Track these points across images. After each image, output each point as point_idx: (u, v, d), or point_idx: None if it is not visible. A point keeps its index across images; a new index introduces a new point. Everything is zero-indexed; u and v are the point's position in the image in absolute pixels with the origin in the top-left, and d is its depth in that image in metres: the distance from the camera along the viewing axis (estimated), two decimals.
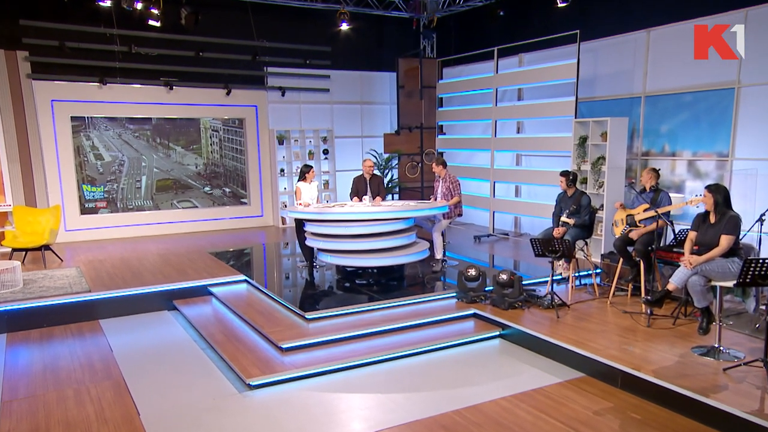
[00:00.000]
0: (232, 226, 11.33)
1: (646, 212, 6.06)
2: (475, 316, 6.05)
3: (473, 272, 6.30)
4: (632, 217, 6.21)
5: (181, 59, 10.41)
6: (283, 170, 11.64)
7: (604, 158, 7.79)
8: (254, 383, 4.68)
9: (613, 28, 8.40)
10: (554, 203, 6.94)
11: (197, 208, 11.11)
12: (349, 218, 6.62)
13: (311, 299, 6.63)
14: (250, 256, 9.03)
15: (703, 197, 5.02)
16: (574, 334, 5.20)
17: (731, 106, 6.97)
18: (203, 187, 11.14)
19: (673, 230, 6.04)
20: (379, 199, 7.60)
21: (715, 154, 7.22)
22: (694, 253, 4.97)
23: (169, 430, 4.07)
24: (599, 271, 6.98)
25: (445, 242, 7.77)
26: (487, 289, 6.35)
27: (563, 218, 6.62)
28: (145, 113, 10.47)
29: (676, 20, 7.51)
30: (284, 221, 11.55)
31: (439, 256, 7.54)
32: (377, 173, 8.60)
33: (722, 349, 4.67)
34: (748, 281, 4.24)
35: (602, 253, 7.29)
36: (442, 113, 11.59)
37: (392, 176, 11.86)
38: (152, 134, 10.68)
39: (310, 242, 7.07)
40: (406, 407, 4.35)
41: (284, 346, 5.19)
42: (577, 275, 6.80)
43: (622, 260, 6.27)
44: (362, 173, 7.89)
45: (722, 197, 4.92)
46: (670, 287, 5.01)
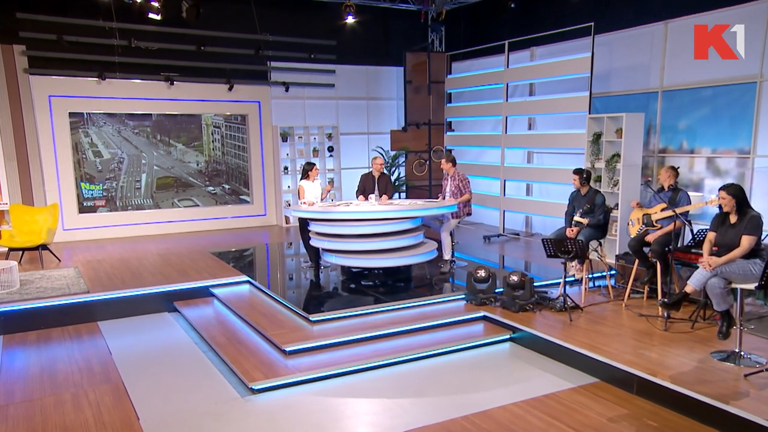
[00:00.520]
0: (234, 225, 11.36)
1: (663, 212, 6.02)
2: (484, 318, 6.03)
3: (483, 273, 6.28)
4: (648, 216, 6.17)
5: (182, 53, 10.44)
6: (286, 168, 11.65)
7: (619, 156, 7.75)
8: (257, 387, 4.68)
9: (629, 20, 8.35)
10: (567, 202, 6.91)
11: (198, 206, 11.14)
12: (354, 217, 6.62)
13: (316, 301, 6.63)
14: (252, 256, 9.05)
15: (721, 200, 4.98)
16: (587, 337, 5.17)
17: (753, 100, 6.91)
18: (207, 186, 11.18)
19: (691, 230, 6.00)
20: (386, 197, 7.59)
21: (735, 150, 7.17)
22: (713, 254, 4.93)
23: None
24: (614, 272, 6.95)
25: (453, 242, 7.75)
26: (497, 290, 6.33)
27: (576, 218, 6.59)
28: (145, 109, 10.51)
29: (695, 12, 7.45)
30: (288, 220, 11.56)
31: (447, 256, 7.52)
32: (385, 172, 8.60)
33: (743, 354, 4.63)
34: None
35: (617, 253, 7.26)
36: (450, 109, 11.57)
37: (399, 174, 11.85)
38: (152, 131, 10.71)
39: (314, 242, 7.07)
40: (413, 413, 4.34)
41: (288, 349, 5.19)
42: (590, 277, 6.76)
43: (637, 261, 6.23)
44: (371, 171, 7.90)
45: (742, 197, 4.87)
46: (688, 289, 4.97)
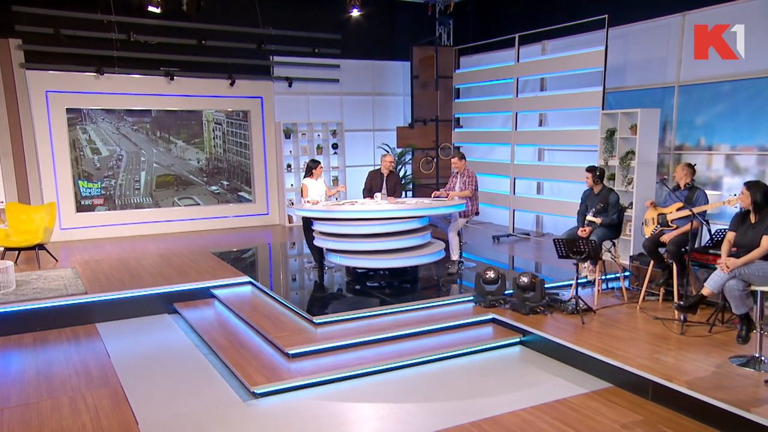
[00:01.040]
0: (235, 224, 11.38)
1: (679, 211, 5.98)
2: (493, 321, 6.01)
3: (492, 275, 6.27)
4: (664, 216, 6.14)
5: (182, 48, 10.47)
6: (290, 166, 11.66)
7: (633, 153, 7.72)
8: (259, 391, 4.69)
9: (644, 12, 8.31)
10: (579, 201, 6.88)
11: (199, 205, 11.17)
12: (359, 217, 6.62)
13: (320, 302, 6.63)
14: (254, 256, 9.06)
15: (740, 196, 4.95)
16: (600, 341, 5.15)
17: None
18: (209, 186, 11.20)
19: (708, 230, 5.96)
20: (393, 197, 7.59)
21: (756, 147, 7.12)
22: (732, 255, 4.90)
23: None
24: (628, 273, 6.92)
25: (461, 242, 7.74)
26: (506, 292, 6.31)
27: (589, 217, 6.56)
28: (144, 105, 10.54)
29: (713, 3, 7.40)
30: (291, 220, 11.58)
31: (455, 257, 7.51)
32: (394, 170, 8.59)
33: (763, 359, 4.59)
34: None
35: (631, 254, 7.23)
36: (458, 105, 11.55)
37: (405, 172, 11.84)
38: (152, 127, 10.75)
39: (318, 242, 7.07)
40: (419, 418, 4.33)
41: (291, 352, 5.19)
42: (603, 278, 6.73)
43: (652, 262, 6.20)
44: (379, 168, 7.89)
45: (762, 194, 4.84)
46: (705, 292, 4.95)
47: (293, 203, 11.56)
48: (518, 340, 5.69)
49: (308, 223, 7.31)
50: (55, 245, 9.22)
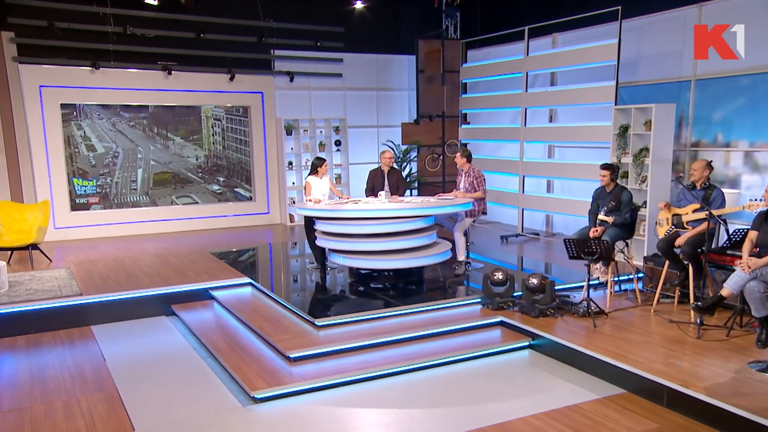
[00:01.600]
0: (235, 224, 11.39)
1: (695, 213, 5.94)
2: (502, 324, 6.00)
3: (500, 276, 6.26)
4: (678, 217, 6.11)
5: (180, 41, 10.48)
6: (291, 163, 11.67)
7: (647, 150, 7.69)
8: (259, 396, 4.69)
9: (659, 3, 8.26)
10: (590, 200, 6.86)
11: (198, 204, 11.19)
12: (363, 216, 6.62)
13: (322, 304, 6.64)
14: (255, 256, 9.07)
15: (765, 194, 4.92)
16: (613, 345, 5.13)
17: None
18: (208, 184, 11.21)
19: (726, 230, 5.93)
20: (396, 195, 7.58)
21: None
22: (753, 255, 4.87)
23: None
24: (642, 275, 6.89)
25: (468, 243, 7.73)
26: (515, 294, 6.30)
27: (601, 216, 6.54)
28: (141, 100, 10.56)
29: None
30: (292, 219, 11.58)
31: (461, 257, 7.51)
32: (396, 167, 8.58)
33: None
34: None
35: (645, 255, 7.20)
36: (465, 100, 11.53)
37: (411, 170, 11.83)
38: (149, 123, 10.76)
39: (320, 242, 7.08)
40: (426, 424, 4.33)
41: (292, 355, 5.19)
42: (616, 280, 6.72)
43: (667, 263, 6.17)
44: (379, 166, 7.88)
45: None
46: (723, 293, 4.93)
47: (295, 202, 11.57)
48: (527, 343, 5.68)
49: (310, 222, 7.31)
50: (48, 245, 9.25)
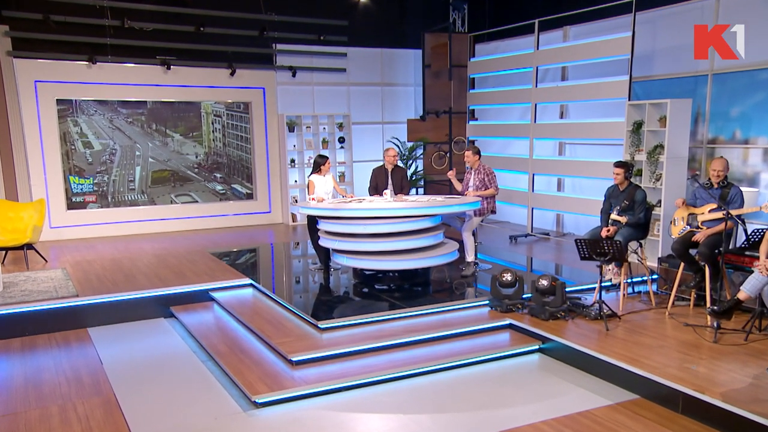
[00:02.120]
0: (236, 223, 11.41)
1: (712, 212, 5.91)
2: (510, 327, 6.00)
3: (509, 277, 6.24)
4: (694, 216, 6.08)
5: (179, 35, 10.50)
6: (293, 161, 11.68)
7: (662, 147, 7.67)
8: (261, 401, 4.69)
9: None
10: (603, 198, 6.83)
11: (198, 203, 11.21)
12: (368, 215, 6.61)
13: (325, 306, 6.64)
14: (256, 257, 9.08)
15: None
16: (626, 349, 5.12)
17: None
18: (208, 183, 11.23)
19: (744, 230, 5.90)
20: (401, 194, 7.58)
21: None
22: None
23: None
24: (656, 276, 6.87)
25: (476, 243, 7.71)
26: (524, 296, 6.29)
27: (614, 216, 6.52)
28: (139, 96, 10.58)
29: None
30: (295, 218, 11.59)
31: (470, 258, 7.49)
32: (400, 165, 8.57)
33: None
34: None
35: (659, 256, 7.18)
36: (473, 96, 11.51)
37: (416, 168, 11.83)
38: (147, 120, 10.79)
39: (323, 242, 7.08)
40: (432, 430, 4.32)
41: (295, 359, 5.19)
42: (629, 281, 6.69)
43: (683, 265, 6.15)
44: (383, 164, 7.87)
45: None
46: (741, 296, 4.91)
47: (297, 200, 11.57)
48: (537, 347, 5.67)
49: (313, 221, 7.31)
50: (44, 245, 9.28)
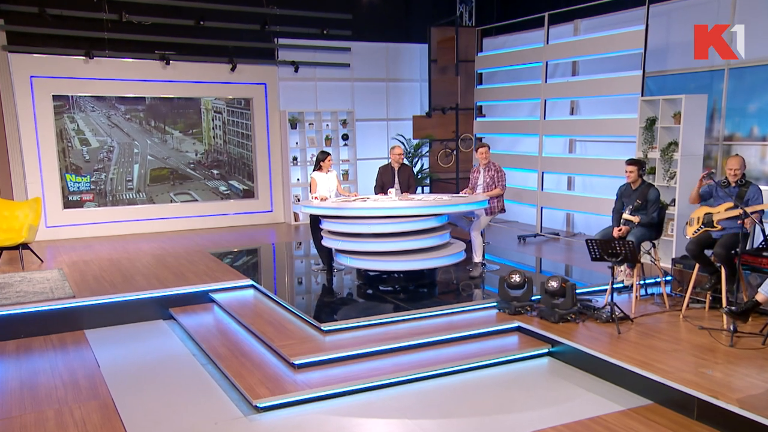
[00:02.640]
0: (237, 222, 11.42)
1: (728, 211, 5.88)
2: (519, 330, 5.99)
3: (517, 278, 6.23)
4: (710, 216, 6.05)
5: (179, 29, 10.51)
6: (296, 158, 11.69)
7: (676, 144, 7.64)
8: (262, 405, 4.69)
9: None
10: (614, 198, 6.82)
11: (197, 201, 11.22)
12: (372, 214, 6.61)
13: (328, 308, 6.64)
14: (257, 257, 9.10)
15: None
16: (638, 353, 5.10)
17: None
18: (217, 184, 11.25)
19: (762, 231, 5.88)
20: (407, 193, 7.57)
21: None
22: None
23: None
24: (670, 278, 6.84)
25: (484, 243, 7.71)
26: (533, 298, 6.28)
27: (626, 215, 6.50)
28: (137, 92, 10.60)
29: None
30: (297, 218, 11.59)
31: (477, 259, 7.49)
32: (406, 163, 8.57)
33: None
34: None
35: (673, 257, 7.14)
36: (481, 92, 11.50)
37: (422, 166, 11.81)
38: (146, 116, 10.81)
39: (326, 242, 7.08)
40: None
41: (297, 362, 5.19)
42: (642, 283, 6.68)
43: (698, 266, 6.13)
44: (389, 162, 7.88)
45: None
46: (759, 298, 4.89)
47: (299, 199, 11.58)
48: (546, 350, 5.66)
49: (316, 221, 7.31)
50: (40, 244, 9.31)
